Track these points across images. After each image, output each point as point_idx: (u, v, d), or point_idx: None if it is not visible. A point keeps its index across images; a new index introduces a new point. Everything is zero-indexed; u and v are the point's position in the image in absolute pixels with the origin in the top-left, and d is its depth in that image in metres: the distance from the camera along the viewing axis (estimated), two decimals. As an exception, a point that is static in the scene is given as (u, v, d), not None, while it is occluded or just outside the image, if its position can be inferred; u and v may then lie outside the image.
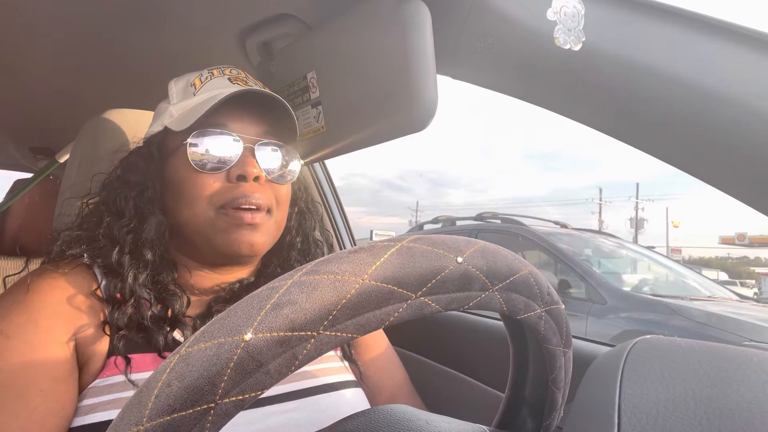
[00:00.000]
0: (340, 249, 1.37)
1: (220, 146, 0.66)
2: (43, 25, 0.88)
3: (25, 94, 1.23)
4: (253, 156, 0.67)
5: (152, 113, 0.77)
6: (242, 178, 0.65)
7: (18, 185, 1.64)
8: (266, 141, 0.69)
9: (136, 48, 0.97)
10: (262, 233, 0.67)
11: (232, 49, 0.92)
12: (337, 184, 1.58)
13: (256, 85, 0.73)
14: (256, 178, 0.66)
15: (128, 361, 0.58)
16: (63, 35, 0.92)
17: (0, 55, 1.00)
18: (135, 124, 0.87)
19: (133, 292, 0.62)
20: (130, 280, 0.62)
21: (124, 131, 0.86)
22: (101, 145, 0.83)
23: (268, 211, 0.68)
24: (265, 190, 0.67)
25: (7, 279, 0.67)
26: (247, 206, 0.65)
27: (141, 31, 0.91)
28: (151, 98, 0.79)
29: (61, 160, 1.65)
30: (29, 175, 1.71)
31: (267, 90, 0.72)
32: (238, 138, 0.66)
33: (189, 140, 0.65)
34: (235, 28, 0.87)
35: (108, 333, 0.60)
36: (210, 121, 0.65)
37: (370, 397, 0.74)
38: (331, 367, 0.71)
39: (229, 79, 0.71)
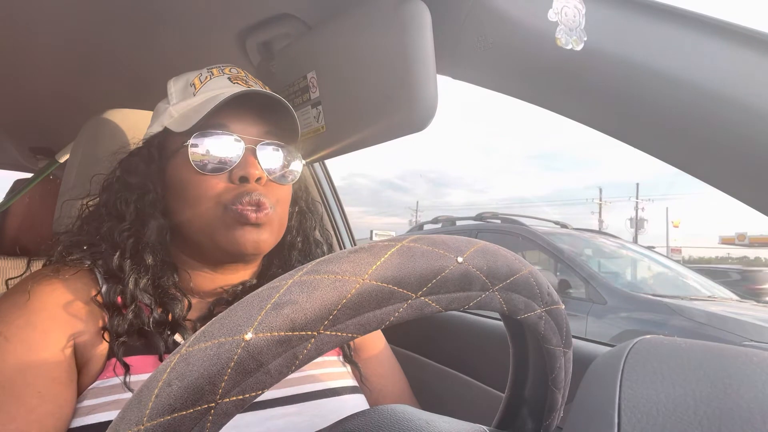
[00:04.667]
0: (340, 249, 1.37)
1: (222, 147, 0.65)
2: (43, 25, 0.88)
3: (25, 94, 1.23)
4: (255, 157, 0.66)
5: (152, 113, 0.77)
6: (244, 179, 0.65)
7: (18, 185, 1.64)
8: (268, 141, 0.68)
9: (136, 48, 0.97)
10: (267, 231, 0.67)
11: (232, 49, 0.92)
12: (337, 184, 1.58)
13: (256, 84, 0.72)
14: (258, 179, 0.66)
15: (127, 369, 0.58)
16: (63, 35, 0.92)
17: (0, 55, 1.00)
18: (135, 124, 0.87)
19: (134, 298, 0.62)
20: (131, 285, 0.62)
21: (124, 131, 0.86)
22: (101, 145, 0.83)
23: (271, 207, 0.67)
24: (267, 191, 0.67)
25: (9, 281, 0.66)
26: (250, 206, 0.65)
27: (141, 31, 0.91)
28: (151, 98, 0.79)
29: (61, 160, 1.65)
30: (29, 175, 1.71)
31: (268, 90, 0.71)
32: (239, 139, 0.66)
33: (190, 141, 0.65)
34: (235, 28, 0.87)
35: (107, 339, 0.59)
36: (211, 122, 0.65)
37: (373, 404, 0.74)
38: (333, 372, 0.71)
39: (229, 78, 0.71)
